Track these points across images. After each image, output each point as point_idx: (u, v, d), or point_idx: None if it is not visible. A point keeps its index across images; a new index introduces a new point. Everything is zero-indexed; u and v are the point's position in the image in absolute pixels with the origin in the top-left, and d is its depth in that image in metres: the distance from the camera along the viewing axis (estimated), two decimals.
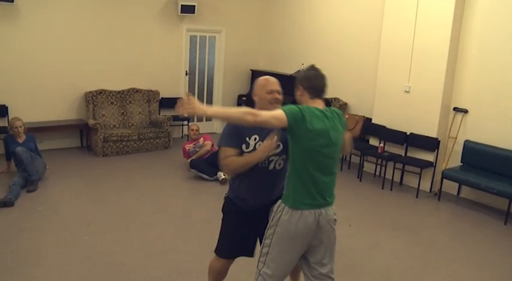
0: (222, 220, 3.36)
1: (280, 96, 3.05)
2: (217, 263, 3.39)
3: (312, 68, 2.92)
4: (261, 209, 3.09)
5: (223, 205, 3.32)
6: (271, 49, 10.06)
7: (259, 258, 2.96)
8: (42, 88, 7.67)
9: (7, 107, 7.39)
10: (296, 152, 2.72)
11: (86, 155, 7.70)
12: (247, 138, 3.01)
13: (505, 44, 6.01)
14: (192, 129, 7.32)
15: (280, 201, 2.84)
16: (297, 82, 2.88)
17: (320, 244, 2.90)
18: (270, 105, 2.97)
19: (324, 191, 2.82)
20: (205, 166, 6.84)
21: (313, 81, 2.85)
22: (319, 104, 2.83)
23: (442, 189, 6.51)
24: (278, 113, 2.63)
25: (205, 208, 5.75)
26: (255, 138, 3.01)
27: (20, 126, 6.27)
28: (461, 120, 6.57)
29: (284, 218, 2.77)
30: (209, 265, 3.47)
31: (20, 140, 6.28)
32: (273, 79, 3.09)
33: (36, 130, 7.19)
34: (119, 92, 8.32)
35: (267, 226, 2.90)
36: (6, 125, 7.08)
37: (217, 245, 3.36)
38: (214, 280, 3.49)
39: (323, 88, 2.87)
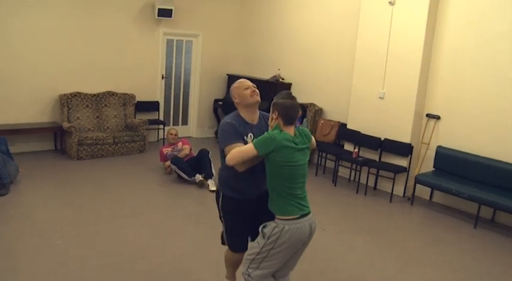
0: (223, 218, 3.47)
1: (256, 89, 3.28)
2: (235, 256, 3.53)
3: (290, 96, 3.07)
4: (256, 197, 3.29)
5: (221, 204, 3.42)
6: (247, 54, 10.10)
7: (250, 263, 3.13)
8: (15, 90, 7.55)
9: None
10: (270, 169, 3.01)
11: (59, 159, 7.60)
12: (244, 137, 3.18)
13: (476, 53, 6.17)
14: (171, 134, 7.30)
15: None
16: (274, 107, 3.05)
17: (301, 249, 3.09)
18: (251, 98, 3.22)
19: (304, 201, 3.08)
20: (185, 165, 6.85)
21: (289, 111, 3.01)
22: (291, 130, 3.04)
23: (415, 194, 6.63)
24: (248, 149, 2.95)
25: (181, 212, 5.74)
26: (251, 136, 3.20)
27: None
28: (434, 127, 6.70)
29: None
30: (225, 257, 3.64)
31: None
32: (244, 79, 3.35)
33: (9, 132, 7.10)
34: (94, 95, 8.24)
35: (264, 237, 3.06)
36: None
37: (228, 243, 3.50)
38: (233, 269, 3.69)
39: (296, 117, 3.06)
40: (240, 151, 2.96)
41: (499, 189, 5.87)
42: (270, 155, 2.92)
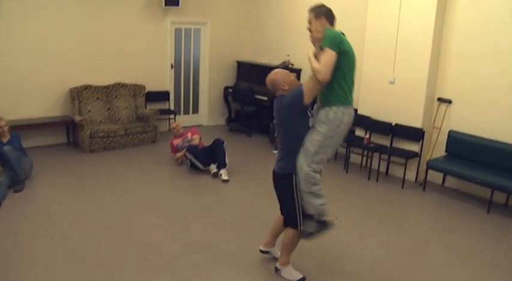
0: (297, 196, 3.75)
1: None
2: (300, 235, 3.88)
3: (324, 5, 3.74)
4: None
5: (296, 184, 3.71)
6: (256, 40, 10.04)
7: (312, 157, 3.56)
8: (26, 85, 7.59)
9: None
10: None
11: (72, 152, 7.68)
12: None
13: (488, 35, 6.07)
14: (173, 128, 7.35)
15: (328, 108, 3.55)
16: (318, 12, 3.65)
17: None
18: (297, 81, 3.83)
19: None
20: (201, 154, 6.89)
21: (331, 13, 3.69)
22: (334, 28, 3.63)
23: (427, 179, 6.61)
24: (328, 55, 3.42)
25: (195, 203, 5.79)
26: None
27: (4, 126, 6.22)
28: (446, 111, 6.64)
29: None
30: (290, 238, 3.94)
31: (5, 140, 6.23)
32: (278, 70, 3.90)
33: (21, 128, 7.15)
34: (104, 87, 8.28)
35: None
36: None
37: (301, 221, 3.81)
38: (292, 249, 4.06)
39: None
40: (326, 60, 3.41)
41: None
42: (341, 47, 3.46)
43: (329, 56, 3.41)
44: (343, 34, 3.63)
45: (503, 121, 6.05)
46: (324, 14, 3.63)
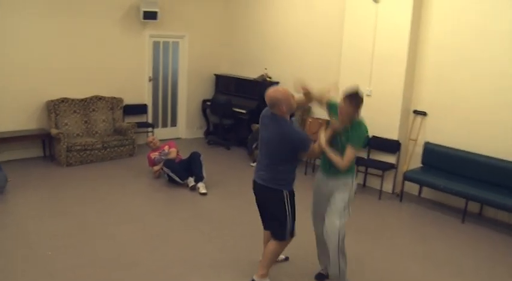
0: (288, 210, 3.92)
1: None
2: (285, 245, 4.08)
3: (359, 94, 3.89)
4: None
5: (287, 198, 3.91)
6: (234, 53, 10.09)
7: (340, 218, 3.93)
8: (1, 97, 7.49)
9: None
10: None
11: (49, 166, 7.58)
12: None
13: (461, 49, 6.23)
14: (149, 141, 7.34)
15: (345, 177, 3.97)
16: (357, 100, 3.83)
17: None
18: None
19: None
20: (178, 168, 6.86)
21: (362, 104, 3.90)
22: None
23: (404, 190, 6.69)
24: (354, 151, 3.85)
25: (173, 217, 5.75)
26: None
27: None
28: (421, 123, 6.75)
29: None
30: (274, 251, 4.03)
31: None
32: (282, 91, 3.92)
33: None
34: (81, 100, 8.22)
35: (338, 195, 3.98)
36: None
37: (289, 231, 3.97)
38: (274, 262, 4.18)
39: None
40: (350, 158, 3.81)
41: (486, 184, 5.95)
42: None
43: (352, 154, 3.84)
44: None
45: (476, 133, 6.18)
46: (359, 106, 3.88)
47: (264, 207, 4.09)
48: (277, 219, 3.94)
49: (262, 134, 3.97)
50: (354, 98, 3.82)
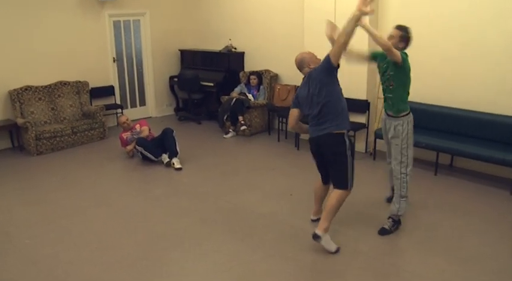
0: (346, 158, 4.11)
1: None
2: (347, 194, 4.24)
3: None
4: None
5: (342, 145, 4.10)
6: (198, 27, 9.97)
7: (401, 163, 4.41)
8: None
9: None
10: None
11: (18, 156, 7.44)
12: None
13: (425, 4, 6.24)
14: (122, 122, 7.21)
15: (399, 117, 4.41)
16: (403, 33, 4.37)
17: None
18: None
19: None
20: (151, 146, 6.83)
21: (410, 41, 4.44)
22: None
23: (376, 148, 6.78)
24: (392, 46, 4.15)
25: (147, 195, 5.74)
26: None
27: None
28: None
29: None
30: (339, 201, 4.19)
31: None
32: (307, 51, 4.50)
33: None
34: (45, 86, 8.03)
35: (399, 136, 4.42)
36: None
37: (349, 183, 4.18)
38: (337, 212, 4.25)
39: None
40: (391, 42, 4.19)
41: (454, 135, 6.07)
42: (405, 63, 4.27)
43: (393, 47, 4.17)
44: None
45: (442, 87, 6.29)
46: (405, 41, 4.42)
47: (321, 158, 4.37)
48: (338, 165, 4.18)
49: (301, 95, 4.31)
50: (403, 29, 4.37)
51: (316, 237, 4.18)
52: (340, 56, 4.03)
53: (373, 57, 4.63)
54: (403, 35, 4.34)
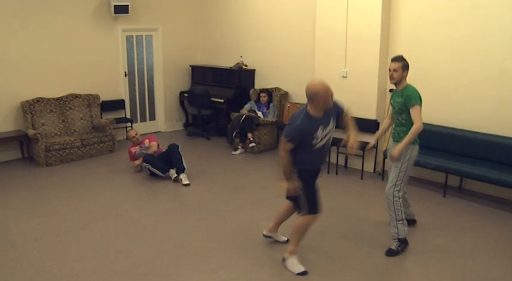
0: (304, 187, 4.09)
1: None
2: (312, 219, 4.18)
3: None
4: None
5: (300, 177, 4.08)
6: (209, 44, 10.06)
7: (394, 187, 4.53)
8: None
9: None
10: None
11: (28, 167, 7.49)
12: (314, 134, 3.92)
13: (433, 25, 6.29)
14: (131, 136, 7.22)
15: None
16: (404, 63, 4.44)
17: None
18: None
19: None
20: (158, 162, 6.84)
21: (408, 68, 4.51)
22: None
23: (385, 168, 6.75)
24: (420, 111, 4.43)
25: (155, 210, 5.74)
26: (322, 129, 3.97)
27: None
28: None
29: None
30: (300, 226, 4.18)
31: None
32: (324, 83, 3.96)
33: None
34: (57, 99, 8.12)
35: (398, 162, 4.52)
36: None
37: (311, 207, 4.12)
38: (303, 237, 4.29)
39: None
40: (419, 114, 4.37)
41: (464, 157, 6.05)
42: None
43: (419, 111, 4.38)
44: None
45: (451, 109, 6.29)
46: (407, 69, 4.48)
47: None
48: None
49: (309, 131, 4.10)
50: (402, 59, 4.45)
51: (283, 260, 4.33)
52: None
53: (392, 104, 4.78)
54: (405, 64, 4.45)
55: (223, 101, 9.01)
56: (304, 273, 4.17)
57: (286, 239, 4.76)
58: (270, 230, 4.74)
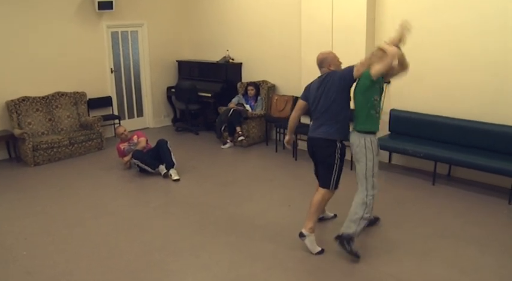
0: (333, 161, 4.29)
1: None
2: (330, 195, 4.44)
3: None
4: None
5: (332, 148, 4.28)
6: (195, 38, 10.01)
7: (366, 185, 4.27)
8: None
9: None
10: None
11: (15, 167, 7.41)
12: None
13: (419, 16, 6.29)
14: (120, 132, 7.18)
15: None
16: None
17: None
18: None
19: None
20: (148, 158, 6.81)
21: None
22: None
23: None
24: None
25: (147, 205, 5.73)
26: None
27: None
28: (385, 91, 6.83)
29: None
30: (319, 201, 4.38)
31: None
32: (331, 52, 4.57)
33: None
34: (43, 97, 8.03)
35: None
36: None
37: (333, 183, 4.36)
38: (320, 212, 4.55)
39: None
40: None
41: (452, 145, 6.09)
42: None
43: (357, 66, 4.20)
44: None
45: (438, 96, 6.33)
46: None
47: (315, 157, 4.52)
48: (325, 167, 4.39)
49: (312, 89, 4.45)
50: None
51: (301, 235, 4.38)
52: (380, 74, 4.11)
53: None
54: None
55: (210, 96, 8.98)
56: (321, 252, 4.34)
57: (333, 214, 5.15)
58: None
